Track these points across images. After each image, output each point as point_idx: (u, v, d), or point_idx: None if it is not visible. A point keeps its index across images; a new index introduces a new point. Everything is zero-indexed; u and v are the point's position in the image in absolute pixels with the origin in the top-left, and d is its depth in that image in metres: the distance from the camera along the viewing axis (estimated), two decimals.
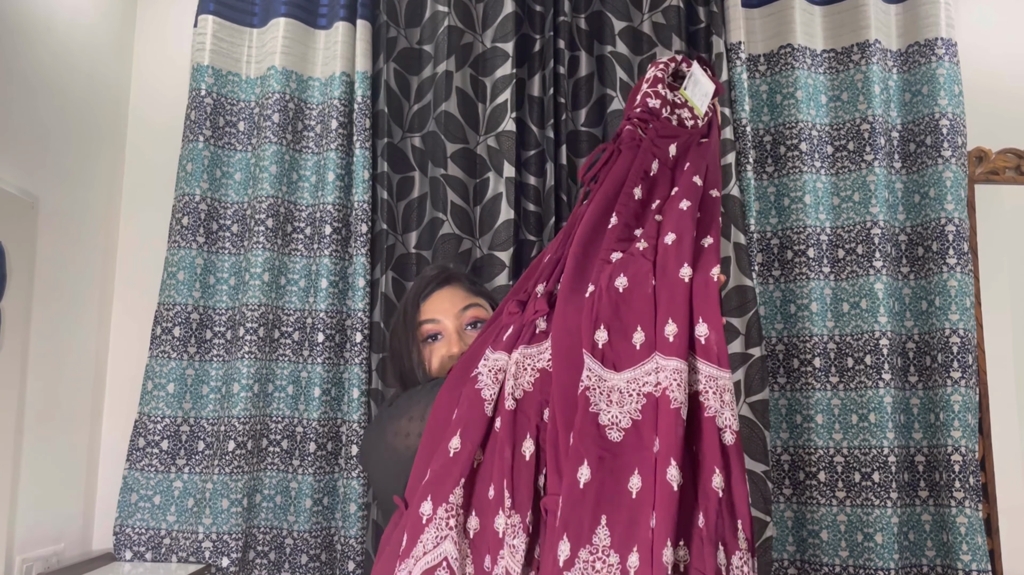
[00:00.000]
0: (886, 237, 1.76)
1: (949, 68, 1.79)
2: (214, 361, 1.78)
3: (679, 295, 0.83)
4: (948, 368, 1.69)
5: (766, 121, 1.85)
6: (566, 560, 0.75)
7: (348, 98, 1.82)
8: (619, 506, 0.77)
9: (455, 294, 1.19)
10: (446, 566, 0.82)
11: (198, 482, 1.71)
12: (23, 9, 1.56)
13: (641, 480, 0.77)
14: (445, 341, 1.15)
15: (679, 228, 0.88)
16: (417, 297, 1.19)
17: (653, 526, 0.73)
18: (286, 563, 1.70)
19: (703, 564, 0.72)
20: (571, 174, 1.82)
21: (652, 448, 0.78)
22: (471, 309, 1.17)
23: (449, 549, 0.83)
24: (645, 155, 0.97)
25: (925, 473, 1.71)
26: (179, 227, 1.78)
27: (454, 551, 0.83)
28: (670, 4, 1.82)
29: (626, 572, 0.73)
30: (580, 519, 0.77)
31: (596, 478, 0.78)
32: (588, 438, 0.80)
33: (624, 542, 0.75)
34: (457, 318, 1.16)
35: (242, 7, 1.91)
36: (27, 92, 1.57)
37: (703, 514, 0.74)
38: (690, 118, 1.03)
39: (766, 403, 1.66)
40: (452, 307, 1.17)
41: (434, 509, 0.85)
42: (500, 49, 1.82)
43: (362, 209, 1.76)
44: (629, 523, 0.75)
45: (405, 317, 1.19)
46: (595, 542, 0.76)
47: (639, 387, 0.81)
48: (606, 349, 0.84)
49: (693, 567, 0.72)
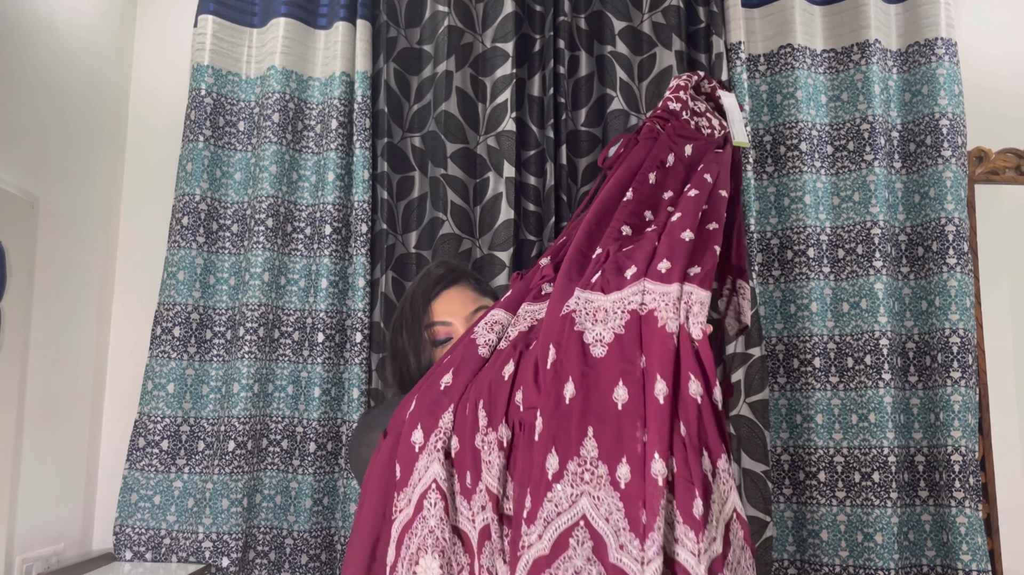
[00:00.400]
0: (886, 237, 1.76)
1: (949, 68, 1.79)
2: (214, 361, 1.78)
3: (679, 247, 0.86)
4: (948, 368, 1.69)
5: (766, 121, 1.85)
6: (555, 473, 0.77)
7: (348, 98, 1.82)
8: (605, 418, 0.78)
9: (464, 294, 1.19)
10: (435, 487, 0.84)
11: (198, 482, 1.71)
12: (23, 9, 1.56)
13: (627, 392, 0.78)
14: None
15: (684, 207, 0.92)
16: (426, 296, 1.18)
17: (645, 440, 0.75)
18: (286, 563, 1.70)
19: (688, 472, 0.73)
20: (571, 174, 1.82)
21: (637, 362, 0.79)
22: (481, 312, 1.16)
23: (437, 470, 0.85)
24: (662, 147, 1.01)
25: (925, 473, 1.71)
26: (179, 227, 1.78)
27: (442, 472, 0.85)
28: (670, 4, 1.82)
29: (616, 483, 0.74)
30: (567, 432, 0.78)
31: (580, 392, 0.80)
32: (572, 355, 0.83)
33: (612, 453, 0.76)
34: (468, 320, 1.16)
35: (242, 7, 1.91)
36: (27, 92, 1.57)
37: (684, 423, 0.75)
38: (707, 127, 1.06)
39: (766, 403, 1.66)
40: (462, 309, 1.17)
41: (425, 437, 0.88)
42: (500, 49, 1.82)
43: (362, 209, 1.76)
44: (616, 435, 0.77)
45: (414, 316, 1.17)
46: (583, 454, 0.77)
47: (624, 306, 0.83)
48: (599, 281, 0.88)
49: (679, 476, 0.73)
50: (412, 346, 1.16)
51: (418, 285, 1.21)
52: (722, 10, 1.83)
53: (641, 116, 1.82)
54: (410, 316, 1.18)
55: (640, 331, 0.81)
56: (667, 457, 0.73)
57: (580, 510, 0.75)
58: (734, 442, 1.62)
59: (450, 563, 0.82)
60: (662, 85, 1.81)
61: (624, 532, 0.72)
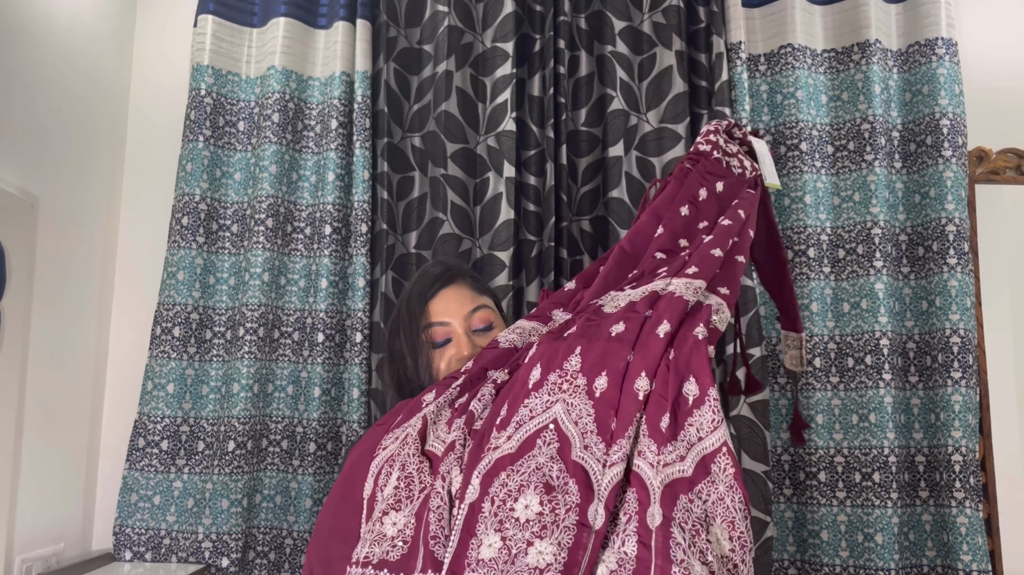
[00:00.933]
0: (886, 237, 1.75)
1: (949, 68, 1.79)
2: (214, 361, 1.77)
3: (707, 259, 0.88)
4: (948, 368, 1.69)
5: (766, 121, 1.85)
6: (535, 383, 0.80)
7: (348, 98, 1.82)
8: (595, 340, 0.81)
9: (462, 293, 1.17)
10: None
11: (198, 482, 1.71)
12: (23, 9, 1.56)
13: (625, 327, 0.81)
14: (455, 343, 1.14)
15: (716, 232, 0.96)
16: (423, 297, 1.16)
17: (630, 361, 0.77)
18: (286, 563, 1.70)
19: (666, 389, 0.75)
20: (571, 174, 1.82)
21: (643, 312, 0.83)
22: (480, 311, 1.16)
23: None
24: (693, 182, 1.04)
25: (925, 473, 1.71)
26: (179, 227, 1.78)
27: (432, 406, 0.91)
28: (670, 4, 1.82)
29: (591, 392, 0.77)
30: (555, 350, 0.82)
31: (580, 329, 0.84)
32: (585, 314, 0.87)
33: (593, 368, 0.78)
34: (466, 320, 1.15)
35: (242, 7, 1.91)
36: (27, 92, 1.57)
37: (675, 350, 0.77)
38: (739, 167, 1.10)
39: (766, 403, 1.66)
40: (460, 308, 1.15)
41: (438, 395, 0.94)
42: (500, 49, 1.82)
43: (362, 209, 1.76)
44: (602, 354, 0.79)
45: (410, 317, 1.15)
46: (565, 367, 0.80)
47: (647, 289, 0.87)
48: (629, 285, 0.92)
49: (655, 392, 0.75)
50: (409, 347, 1.14)
51: (414, 286, 1.19)
52: (722, 10, 1.83)
53: (641, 116, 1.82)
54: (407, 317, 1.16)
55: (655, 299, 0.84)
56: (652, 377, 0.75)
57: (552, 415, 0.77)
58: (734, 442, 1.62)
59: (411, 479, 0.83)
60: (662, 85, 1.81)
61: (591, 434, 0.74)
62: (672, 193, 1.04)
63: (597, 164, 1.84)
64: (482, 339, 1.14)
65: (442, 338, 1.14)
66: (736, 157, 1.11)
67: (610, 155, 1.81)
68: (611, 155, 1.81)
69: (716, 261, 0.88)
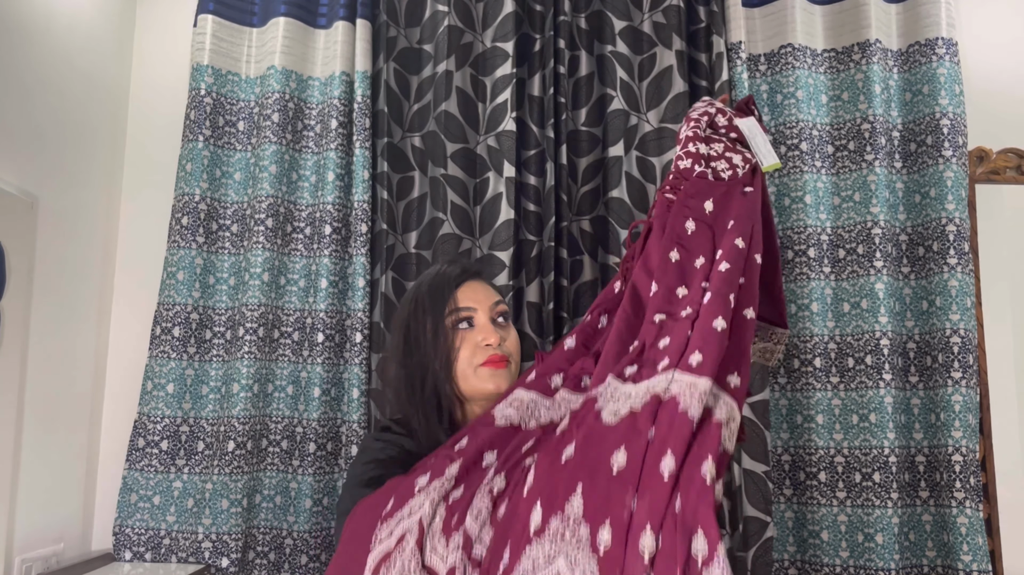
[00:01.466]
0: (887, 237, 1.75)
1: (950, 68, 1.79)
2: (214, 361, 1.77)
3: (711, 338, 0.84)
4: (949, 368, 1.69)
5: (766, 121, 1.84)
6: (537, 529, 0.77)
7: (348, 98, 1.82)
8: (597, 477, 0.77)
9: (485, 287, 1.25)
10: (418, 523, 0.86)
11: (198, 482, 1.71)
12: (23, 9, 1.55)
13: (627, 459, 0.77)
14: (479, 329, 1.18)
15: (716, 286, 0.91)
16: (450, 284, 1.21)
17: (634, 509, 0.73)
18: (286, 563, 1.70)
19: (673, 550, 0.70)
20: (571, 174, 1.82)
21: (645, 434, 0.78)
22: (501, 304, 1.23)
23: (426, 510, 0.87)
24: (677, 219, 1.00)
25: (926, 473, 1.71)
26: (179, 227, 1.78)
27: (428, 510, 0.87)
28: (670, 3, 1.82)
29: (595, 547, 0.73)
30: (555, 485, 0.78)
31: (579, 452, 0.79)
32: (583, 423, 0.82)
33: (596, 515, 0.75)
34: (491, 309, 1.21)
35: (242, 7, 1.91)
36: (26, 92, 1.57)
37: (682, 499, 0.73)
38: (727, 168, 1.04)
39: (766, 403, 1.66)
40: (486, 299, 1.22)
41: (429, 481, 0.91)
42: (500, 49, 1.82)
43: (362, 209, 1.76)
44: (604, 496, 0.75)
45: (433, 303, 1.18)
46: (567, 511, 0.76)
47: (648, 390, 0.83)
48: (632, 376, 0.87)
49: (663, 552, 0.70)
50: (432, 331, 1.17)
51: (435, 278, 1.22)
52: (722, 9, 1.83)
53: (641, 116, 1.81)
54: (429, 304, 1.19)
55: (657, 411, 0.80)
56: (658, 531, 0.71)
57: (556, 570, 0.74)
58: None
59: None
60: (662, 85, 1.81)
61: None
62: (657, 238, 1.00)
63: (597, 164, 1.83)
64: (503, 331, 1.21)
65: (463, 318, 1.19)
66: (723, 158, 1.05)
67: (610, 155, 1.81)
68: (611, 155, 1.81)
69: (721, 337, 0.84)
